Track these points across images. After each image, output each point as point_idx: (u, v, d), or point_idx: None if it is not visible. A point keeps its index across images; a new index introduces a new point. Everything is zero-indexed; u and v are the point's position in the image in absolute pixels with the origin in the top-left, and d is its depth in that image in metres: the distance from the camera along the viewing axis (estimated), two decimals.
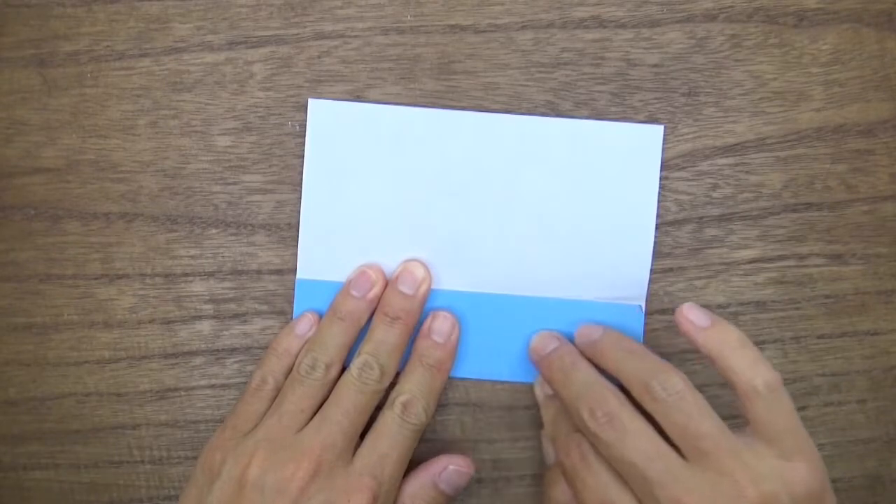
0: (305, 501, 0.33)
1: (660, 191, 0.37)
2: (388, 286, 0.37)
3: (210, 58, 0.38)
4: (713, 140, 0.38)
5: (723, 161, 0.38)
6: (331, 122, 0.37)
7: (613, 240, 0.37)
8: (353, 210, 0.37)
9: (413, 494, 0.35)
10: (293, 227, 0.38)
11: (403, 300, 0.36)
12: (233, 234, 0.38)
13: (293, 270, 0.38)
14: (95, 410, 0.39)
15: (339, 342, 0.36)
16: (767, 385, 0.31)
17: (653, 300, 0.38)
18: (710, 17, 0.37)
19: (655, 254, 0.38)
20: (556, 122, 0.37)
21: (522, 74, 0.37)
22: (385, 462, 0.34)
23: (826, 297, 0.38)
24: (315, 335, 0.37)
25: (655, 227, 0.38)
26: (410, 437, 0.35)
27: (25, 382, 0.39)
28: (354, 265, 0.37)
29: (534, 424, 0.38)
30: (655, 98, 0.37)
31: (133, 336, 0.39)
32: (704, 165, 0.38)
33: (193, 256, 0.38)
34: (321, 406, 0.35)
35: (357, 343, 0.37)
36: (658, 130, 0.37)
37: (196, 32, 0.38)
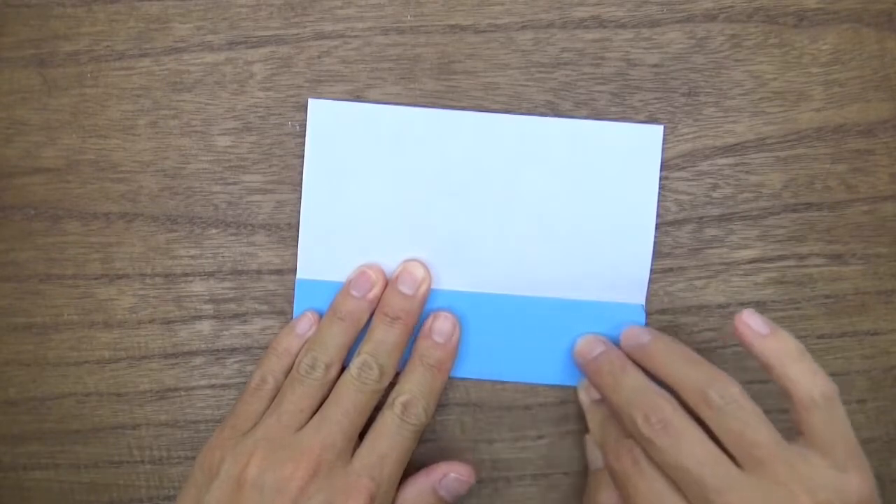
0: (304, 501, 0.33)
1: (660, 191, 0.37)
2: (388, 286, 0.37)
3: (210, 58, 0.38)
4: (713, 140, 0.37)
5: (723, 161, 0.38)
6: (331, 122, 0.37)
7: (613, 240, 0.37)
8: (353, 210, 0.37)
9: (412, 500, 0.35)
10: (293, 227, 0.38)
11: (403, 300, 0.36)
12: (233, 234, 0.38)
13: (293, 270, 0.38)
14: (95, 410, 0.39)
15: (339, 342, 0.36)
16: (825, 396, 0.31)
17: (653, 300, 0.38)
18: (710, 17, 0.37)
19: (655, 254, 0.38)
20: (556, 122, 0.37)
21: (522, 74, 0.37)
22: (384, 462, 0.34)
23: (826, 297, 0.38)
24: (315, 335, 0.37)
25: (655, 227, 0.38)
26: (410, 438, 0.35)
27: (25, 382, 0.39)
28: (354, 265, 0.37)
29: (534, 424, 0.38)
30: (655, 98, 0.37)
31: (133, 336, 0.39)
32: (704, 165, 0.38)
33: (193, 256, 0.38)
34: (321, 406, 0.35)
35: (357, 343, 0.37)
36: (658, 130, 0.37)
37: (196, 32, 0.38)
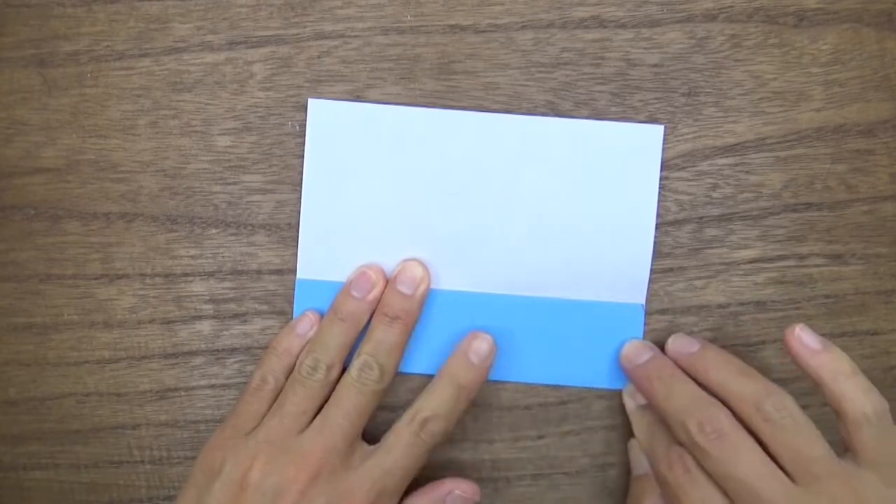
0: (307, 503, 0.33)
1: (660, 191, 0.37)
2: (387, 286, 0.37)
3: (210, 58, 0.38)
4: (713, 140, 0.37)
5: (723, 161, 0.38)
6: (331, 122, 0.37)
7: (613, 240, 0.37)
8: (353, 210, 0.37)
9: None
10: (293, 227, 0.38)
11: (402, 300, 0.36)
12: (233, 234, 0.38)
13: (293, 270, 0.38)
14: (95, 410, 0.39)
15: (340, 343, 0.36)
16: (877, 413, 0.31)
17: (653, 300, 0.38)
18: (710, 17, 0.37)
19: (655, 254, 0.38)
20: (556, 122, 0.37)
21: (522, 74, 0.37)
22: (390, 475, 0.34)
23: (826, 297, 0.38)
24: (316, 336, 0.37)
25: (655, 227, 0.38)
26: (422, 455, 0.35)
27: (25, 382, 0.39)
28: (354, 265, 0.37)
29: (534, 424, 0.38)
30: (655, 98, 0.37)
31: (133, 336, 0.39)
32: (704, 165, 0.38)
33: (193, 256, 0.38)
34: (322, 407, 0.35)
35: (358, 343, 0.37)
36: (658, 130, 0.37)
37: (196, 32, 0.38)
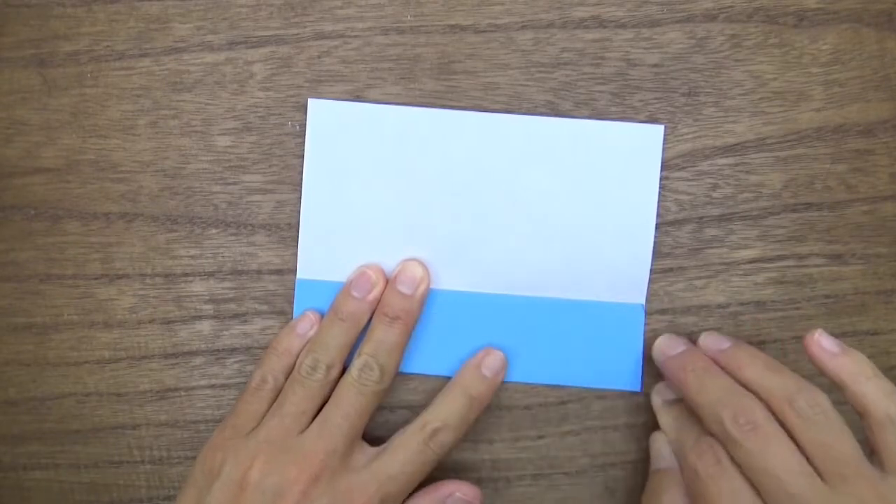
0: None
1: (660, 191, 0.37)
2: (388, 286, 0.37)
3: (210, 58, 0.38)
4: (713, 140, 0.37)
5: (723, 161, 0.38)
6: (331, 122, 0.37)
7: (613, 240, 0.37)
8: (353, 210, 0.37)
9: None
10: (293, 227, 0.38)
11: (402, 300, 0.36)
12: (233, 234, 0.38)
13: (293, 270, 0.38)
14: (95, 410, 0.39)
15: (340, 343, 0.36)
16: None
17: (653, 300, 0.38)
18: (710, 17, 0.37)
19: (655, 254, 0.38)
20: (556, 122, 0.37)
21: (522, 74, 0.37)
22: (395, 481, 0.34)
23: (826, 297, 0.38)
24: (316, 336, 0.37)
25: (655, 227, 0.38)
26: (429, 463, 0.35)
27: (25, 382, 0.39)
28: (354, 265, 0.37)
29: (534, 424, 0.38)
30: (655, 98, 0.37)
31: (133, 336, 0.39)
32: (704, 165, 0.38)
33: (193, 256, 0.38)
34: (322, 407, 0.35)
35: (358, 343, 0.37)
36: (658, 130, 0.37)
37: (196, 32, 0.38)
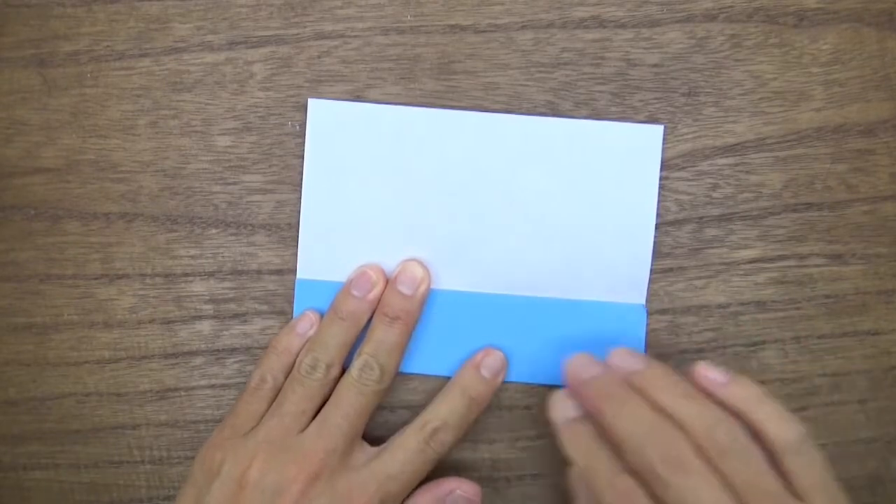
0: (307, 503, 0.33)
1: (660, 191, 0.37)
2: (388, 286, 0.37)
3: (210, 58, 0.38)
4: (713, 140, 0.37)
5: (723, 161, 0.38)
6: (331, 122, 0.37)
7: (613, 240, 0.37)
8: (353, 210, 0.37)
9: None
10: (293, 227, 0.38)
11: (403, 300, 0.36)
12: (233, 234, 0.38)
13: (293, 270, 0.38)
14: (95, 410, 0.39)
15: (340, 342, 0.36)
16: (798, 438, 0.31)
17: (653, 300, 0.38)
18: (710, 17, 0.37)
19: (655, 254, 0.38)
20: (556, 122, 0.37)
21: (522, 74, 0.37)
22: (396, 480, 0.34)
23: (826, 297, 0.38)
24: (316, 335, 0.37)
25: (655, 227, 0.38)
26: (429, 462, 0.35)
27: (25, 382, 0.39)
28: (354, 265, 0.37)
29: (534, 424, 0.38)
30: (655, 98, 0.37)
31: (133, 336, 0.39)
32: (704, 165, 0.38)
33: (193, 256, 0.38)
34: (322, 406, 0.35)
35: (358, 343, 0.37)
36: (658, 130, 0.37)
37: (196, 32, 0.38)
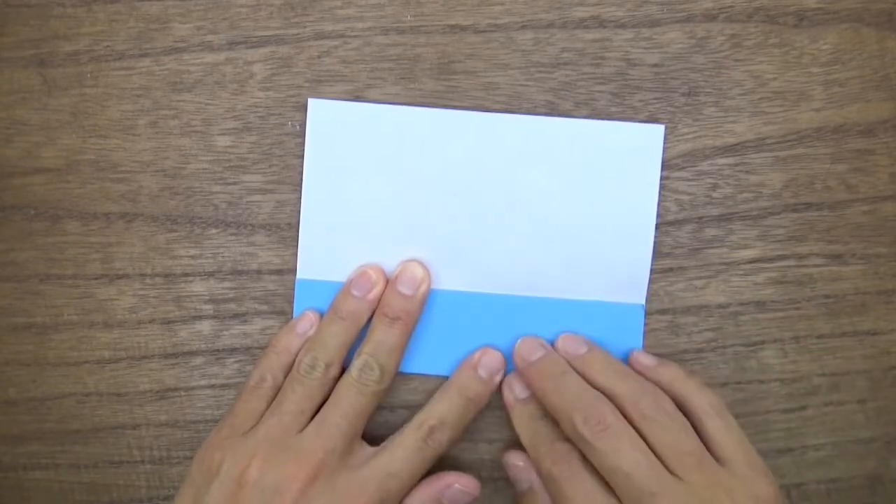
0: (306, 503, 0.33)
1: (660, 191, 0.37)
2: (388, 286, 0.37)
3: (210, 58, 0.38)
4: (713, 140, 0.37)
5: (723, 161, 0.38)
6: (331, 122, 0.37)
7: (613, 240, 0.37)
8: (353, 210, 0.37)
9: None
10: (293, 227, 0.38)
11: (403, 300, 0.36)
12: (233, 234, 0.38)
13: (293, 270, 0.38)
14: (95, 410, 0.39)
15: (340, 341, 0.36)
16: (713, 406, 0.34)
17: (653, 300, 0.38)
18: (710, 17, 0.37)
19: (655, 254, 0.38)
20: (556, 122, 0.37)
21: (522, 74, 0.37)
22: (396, 479, 0.34)
23: (826, 297, 0.38)
24: (315, 334, 0.37)
25: (655, 227, 0.38)
26: (427, 461, 0.35)
27: (25, 382, 0.39)
28: (354, 265, 0.37)
29: None
30: (655, 98, 0.37)
31: (133, 336, 0.39)
32: (704, 165, 0.38)
33: (193, 256, 0.38)
34: (321, 406, 0.35)
35: (358, 343, 0.37)
36: (658, 130, 0.37)
37: (196, 32, 0.38)
